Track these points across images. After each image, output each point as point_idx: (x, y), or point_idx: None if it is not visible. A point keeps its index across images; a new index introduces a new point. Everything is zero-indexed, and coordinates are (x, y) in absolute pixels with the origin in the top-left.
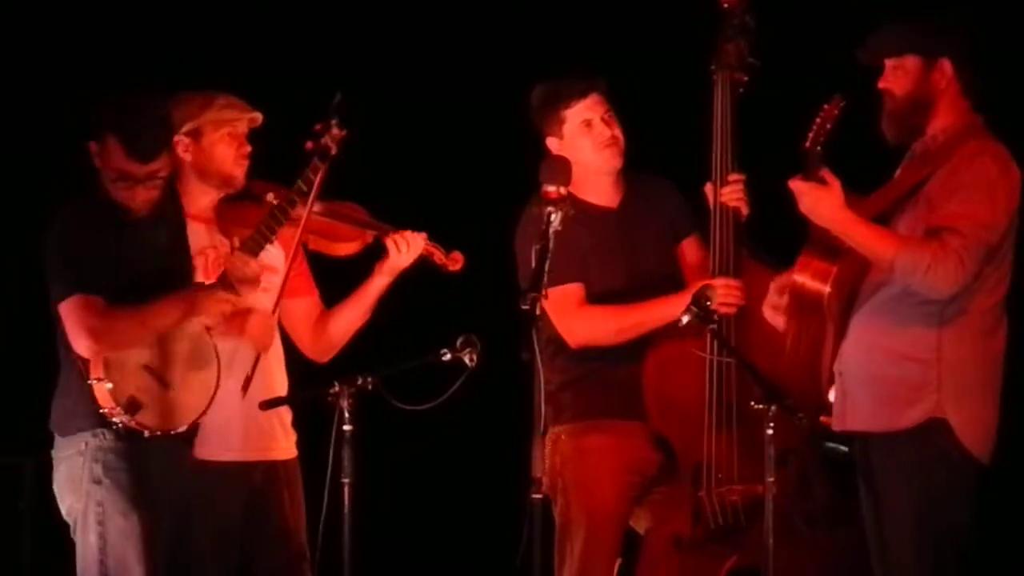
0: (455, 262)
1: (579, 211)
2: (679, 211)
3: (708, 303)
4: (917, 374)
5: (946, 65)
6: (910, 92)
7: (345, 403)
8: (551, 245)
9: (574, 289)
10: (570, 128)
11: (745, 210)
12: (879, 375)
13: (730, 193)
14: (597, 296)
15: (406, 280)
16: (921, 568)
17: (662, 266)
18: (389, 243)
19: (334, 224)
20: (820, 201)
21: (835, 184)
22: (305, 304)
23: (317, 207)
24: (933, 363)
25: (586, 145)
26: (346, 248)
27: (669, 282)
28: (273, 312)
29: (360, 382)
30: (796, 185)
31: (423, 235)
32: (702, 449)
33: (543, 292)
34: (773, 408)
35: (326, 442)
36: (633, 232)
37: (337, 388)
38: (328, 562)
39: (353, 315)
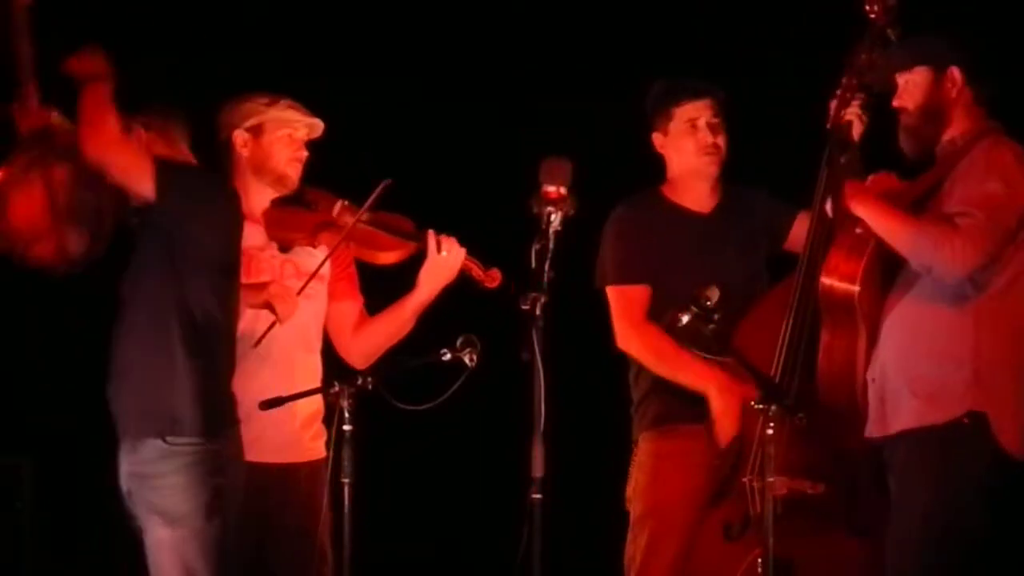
0: (492, 279)
1: (669, 212)
2: (775, 214)
3: (708, 303)
4: (955, 370)
5: (955, 73)
6: (923, 104)
7: (345, 403)
8: (551, 245)
9: (639, 293)
10: (676, 126)
11: (859, 127)
12: (917, 375)
13: (849, 109)
14: (672, 297)
15: (406, 280)
16: (921, 566)
17: (745, 277)
18: (430, 241)
19: (377, 233)
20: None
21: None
22: (347, 308)
23: (364, 216)
24: (970, 359)
25: (687, 146)
26: (387, 257)
27: (749, 293)
28: (298, 292)
29: (360, 382)
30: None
31: (463, 248)
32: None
33: (544, 292)
34: (773, 408)
35: (326, 442)
36: (721, 240)
37: (337, 388)
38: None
39: (391, 324)
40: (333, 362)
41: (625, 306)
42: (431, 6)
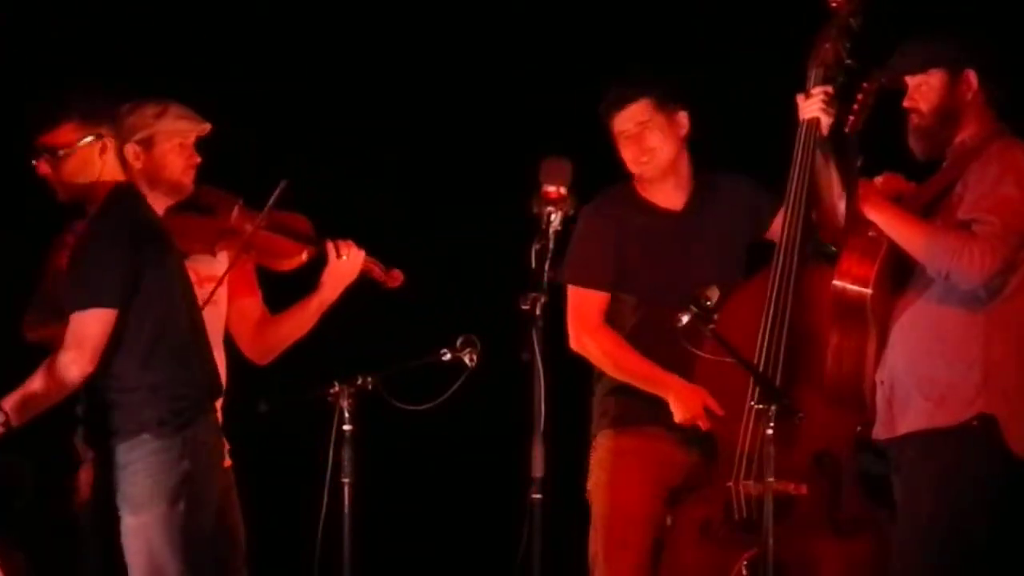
0: (394, 279)
1: (639, 209)
2: (754, 203)
3: (708, 303)
4: (965, 373)
5: (971, 76)
6: (937, 106)
7: (345, 403)
8: (551, 245)
9: (596, 299)
10: (615, 135)
11: (826, 119)
12: (926, 377)
13: (811, 103)
14: (639, 297)
15: (406, 280)
16: (927, 567)
17: (717, 274)
18: (329, 247)
19: (276, 239)
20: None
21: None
22: (247, 305)
23: (261, 223)
24: (980, 362)
25: (624, 156)
26: (287, 263)
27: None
28: (204, 303)
29: (360, 382)
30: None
31: (362, 251)
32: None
33: (544, 292)
34: (773, 408)
35: (326, 442)
36: (693, 236)
37: (337, 388)
38: (328, 562)
39: (294, 323)
40: (333, 363)
41: (580, 308)
42: (431, 5)
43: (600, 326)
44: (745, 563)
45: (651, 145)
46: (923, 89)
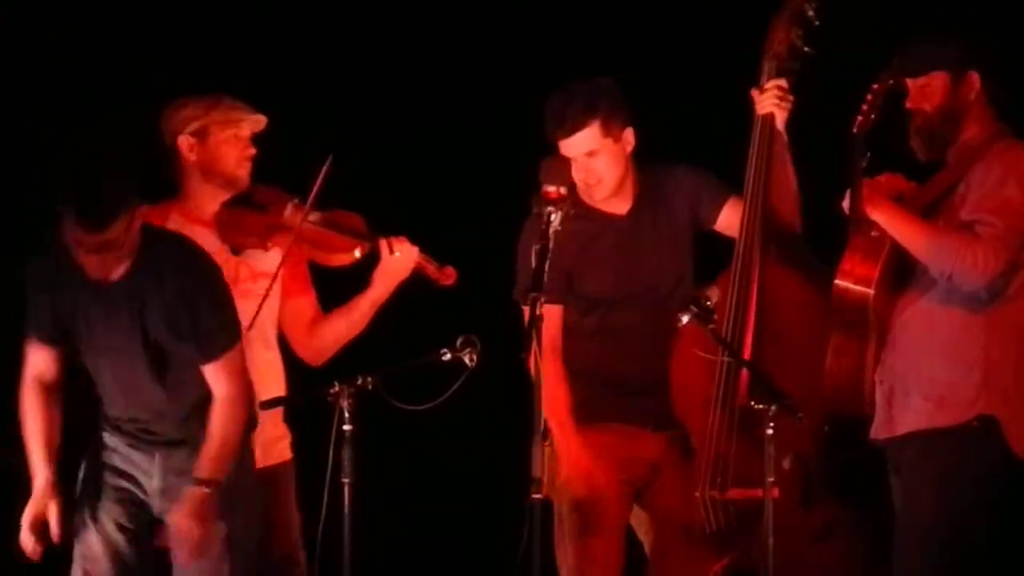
0: (447, 277)
1: (584, 217)
2: (696, 196)
3: (708, 303)
4: (966, 373)
5: (974, 77)
6: (941, 108)
7: (345, 403)
8: (551, 245)
9: (550, 312)
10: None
11: (781, 113)
12: (927, 377)
13: (765, 98)
14: (589, 304)
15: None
16: (927, 567)
17: (665, 276)
18: (382, 245)
19: (328, 234)
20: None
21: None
22: (300, 304)
23: (313, 216)
24: (980, 363)
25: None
26: (339, 259)
27: (673, 292)
28: (255, 313)
29: (360, 382)
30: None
31: (416, 247)
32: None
33: (544, 292)
34: (773, 408)
35: (326, 442)
36: (638, 238)
37: (337, 388)
38: (328, 562)
39: (347, 322)
40: (333, 362)
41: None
42: (431, 5)
43: (552, 350)
44: (720, 571)
45: (599, 173)
46: (926, 91)
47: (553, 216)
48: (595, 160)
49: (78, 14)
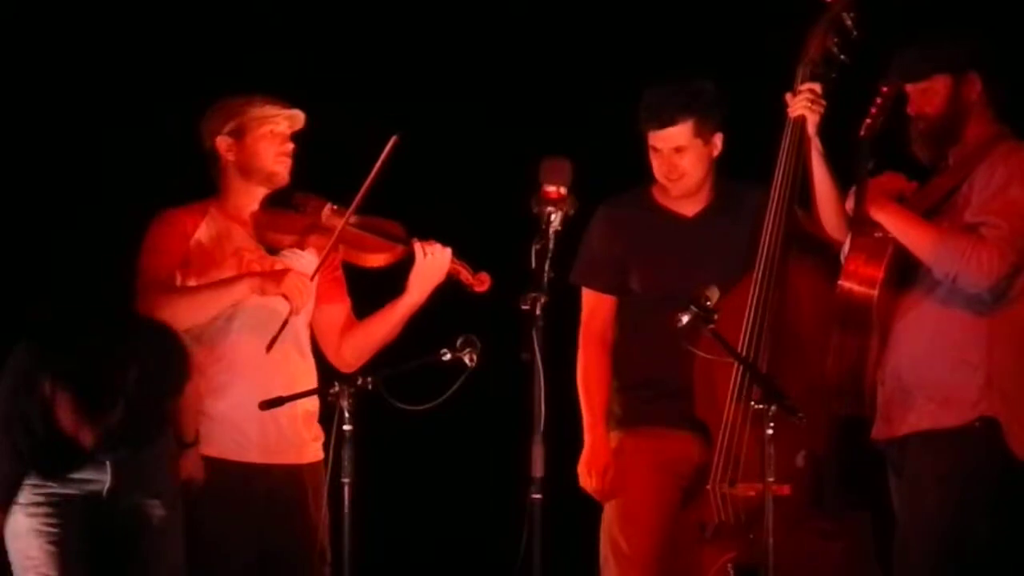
0: (482, 283)
1: (651, 214)
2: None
3: (708, 303)
4: (968, 375)
5: (975, 79)
6: (943, 111)
7: (345, 403)
8: (551, 246)
9: (600, 301)
10: (648, 144)
11: (813, 117)
12: (929, 378)
13: (797, 101)
14: (642, 300)
15: (405, 280)
16: (928, 567)
17: (716, 278)
18: (416, 247)
19: (365, 235)
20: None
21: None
22: (335, 311)
23: (353, 219)
24: (983, 364)
25: (653, 165)
26: (374, 259)
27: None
28: (311, 277)
29: (360, 382)
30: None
31: (449, 250)
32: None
33: (545, 292)
34: (773, 408)
35: (326, 442)
36: (700, 244)
37: (337, 388)
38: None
39: (381, 327)
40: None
41: (586, 309)
42: (431, 4)
43: (593, 338)
44: (729, 565)
45: (683, 169)
46: (928, 95)
47: (553, 216)
48: (681, 157)
49: (107, 22)
